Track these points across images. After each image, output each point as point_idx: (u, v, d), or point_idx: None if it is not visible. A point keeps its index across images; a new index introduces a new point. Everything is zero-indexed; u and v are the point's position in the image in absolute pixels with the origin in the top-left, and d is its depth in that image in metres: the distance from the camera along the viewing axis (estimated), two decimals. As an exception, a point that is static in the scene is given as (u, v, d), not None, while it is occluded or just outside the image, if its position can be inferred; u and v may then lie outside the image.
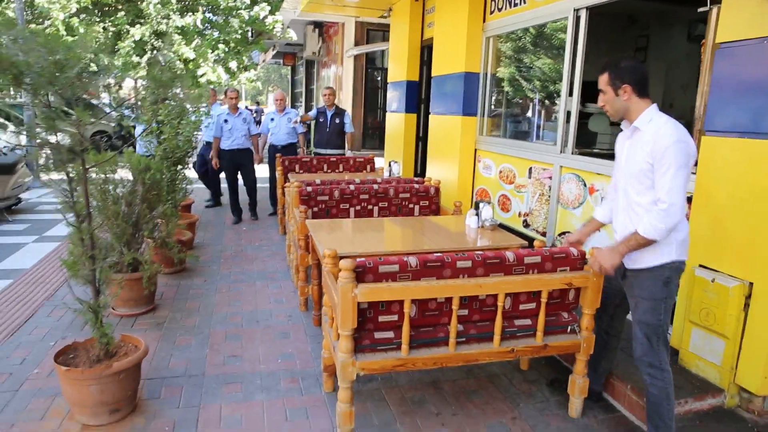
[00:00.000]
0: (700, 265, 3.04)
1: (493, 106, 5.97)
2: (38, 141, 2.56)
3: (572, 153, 4.41)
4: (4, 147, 7.34)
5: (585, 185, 4.25)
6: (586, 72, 6.96)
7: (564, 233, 4.50)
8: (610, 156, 4.04)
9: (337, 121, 7.40)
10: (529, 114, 5.84)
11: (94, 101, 6.95)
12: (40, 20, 12.35)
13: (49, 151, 2.60)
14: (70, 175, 2.68)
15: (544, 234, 4.78)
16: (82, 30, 12.00)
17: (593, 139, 6.30)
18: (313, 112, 7.65)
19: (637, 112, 2.40)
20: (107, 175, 3.84)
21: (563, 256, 2.62)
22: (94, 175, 3.54)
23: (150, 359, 3.35)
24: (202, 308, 4.20)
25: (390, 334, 2.51)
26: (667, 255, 2.36)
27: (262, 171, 7.73)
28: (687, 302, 3.09)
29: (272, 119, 7.42)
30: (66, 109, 2.54)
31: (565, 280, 2.58)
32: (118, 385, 2.64)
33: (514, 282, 2.52)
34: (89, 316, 2.67)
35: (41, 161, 2.65)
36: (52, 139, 2.55)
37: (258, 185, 7.39)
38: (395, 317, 2.50)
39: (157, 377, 3.16)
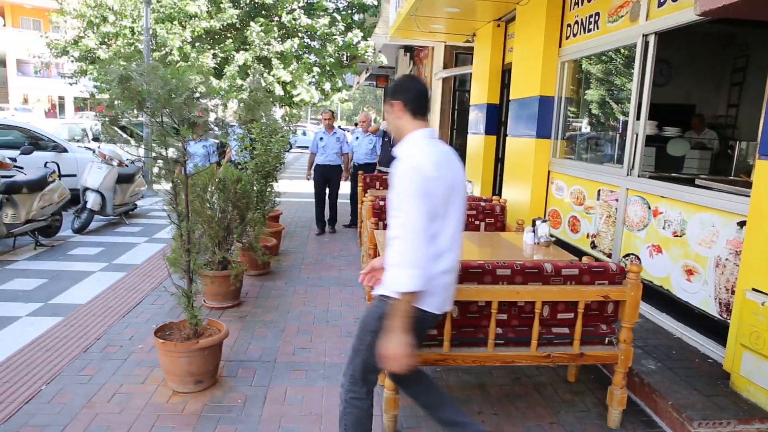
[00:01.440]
0: (753, 289, 3.05)
1: (567, 129, 6.08)
2: (153, 154, 3.12)
3: (638, 176, 4.46)
4: (126, 159, 8.37)
5: (649, 207, 4.29)
6: (667, 95, 6.87)
7: (629, 255, 4.55)
8: (687, 181, 4.10)
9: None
10: (603, 136, 5.89)
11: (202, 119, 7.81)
12: (161, 48, 13.85)
13: (161, 163, 3.16)
14: (175, 182, 3.22)
15: (609, 255, 4.83)
16: (194, 56, 13.34)
17: (677, 163, 6.21)
18: (379, 131, 8.10)
19: (407, 134, 2.16)
20: (205, 184, 4.45)
21: (601, 270, 2.78)
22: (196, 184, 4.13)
23: (231, 345, 3.83)
24: (280, 306, 4.68)
25: (433, 331, 2.79)
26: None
27: (347, 187, 8.27)
28: (738, 325, 3.10)
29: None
30: (176, 127, 3.10)
31: (602, 293, 2.74)
32: (202, 360, 3.13)
33: (550, 291, 2.72)
34: (183, 300, 3.18)
35: (155, 171, 3.22)
36: (164, 152, 3.10)
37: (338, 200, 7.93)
38: (439, 317, 2.78)
39: (235, 360, 3.62)
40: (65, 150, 9.07)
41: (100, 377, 3.33)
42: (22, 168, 6.85)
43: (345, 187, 8.24)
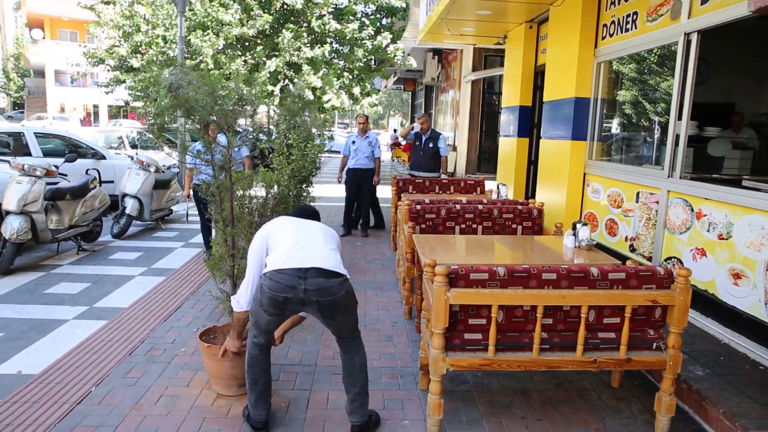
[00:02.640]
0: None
1: (603, 131, 5.99)
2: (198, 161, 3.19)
3: (680, 177, 4.37)
4: (162, 165, 8.55)
5: (692, 210, 4.20)
6: (705, 94, 6.72)
7: (670, 258, 4.45)
8: (732, 182, 4.00)
9: (431, 145, 7.75)
10: (641, 137, 5.79)
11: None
12: (194, 56, 14.12)
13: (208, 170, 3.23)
14: (219, 188, 3.28)
15: (650, 259, 4.74)
16: (226, 63, 13.55)
17: (716, 164, 6.05)
18: (411, 134, 8.08)
19: None
20: (244, 190, 4.51)
21: (649, 274, 2.73)
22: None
23: (272, 349, 3.86)
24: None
25: (478, 336, 2.78)
26: None
27: (378, 191, 8.27)
28: (792, 331, 3.01)
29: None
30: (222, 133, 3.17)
31: (650, 297, 2.69)
32: None
33: (596, 295, 2.68)
34: (227, 304, 3.23)
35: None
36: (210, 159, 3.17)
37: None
38: (484, 321, 2.77)
39: (276, 364, 3.65)
40: (104, 157, 9.31)
41: (146, 380, 3.40)
42: (65, 175, 7.05)
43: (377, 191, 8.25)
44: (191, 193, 6.15)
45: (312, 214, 3.15)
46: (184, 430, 2.88)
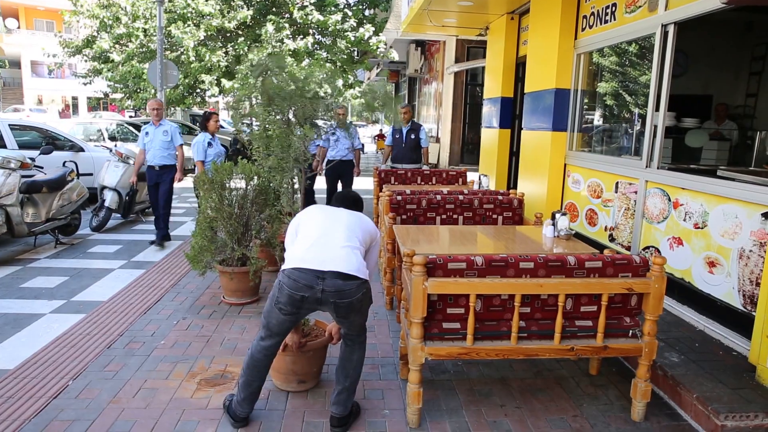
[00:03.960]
0: (779, 280, 3.02)
1: (583, 122, 6.03)
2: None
3: (658, 168, 4.42)
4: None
5: (669, 200, 4.25)
6: (683, 85, 6.79)
7: (648, 247, 4.51)
8: (708, 172, 4.06)
9: (413, 136, 7.74)
10: (620, 128, 5.84)
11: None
12: (174, 48, 13.92)
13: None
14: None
15: (628, 248, 4.80)
16: (207, 56, 13.37)
17: (694, 154, 6.14)
18: (388, 139, 8.03)
19: None
20: (224, 181, 4.48)
21: (625, 262, 2.76)
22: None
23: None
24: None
25: (457, 325, 2.80)
26: None
27: (360, 183, 8.26)
28: (764, 317, 3.07)
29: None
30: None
31: (626, 285, 2.73)
32: (306, 361, 3.16)
33: (573, 284, 2.71)
34: None
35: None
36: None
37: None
38: (462, 310, 2.78)
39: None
40: (82, 149, 9.16)
41: (124, 373, 3.37)
42: (41, 168, 6.93)
43: (358, 183, 8.22)
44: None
45: (352, 202, 3.07)
46: (162, 422, 2.86)
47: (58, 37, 16.74)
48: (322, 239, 2.74)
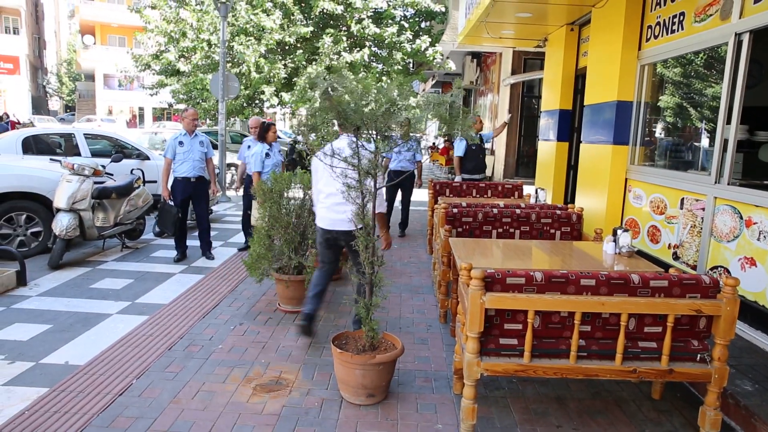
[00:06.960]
0: None
1: (646, 135, 5.83)
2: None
3: (728, 183, 4.21)
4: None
5: (741, 217, 4.04)
6: (758, 97, 6.47)
7: (716, 267, 4.30)
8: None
9: (480, 141, 7.72)
10: (686, 143, 5.61)
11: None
12: (236, 61, 14.41)
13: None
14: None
15: (694, 267, 4.59)
16: (266, 68, 13.77)
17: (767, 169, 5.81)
18: (459, 150, 7.74)
19: None
20: (282, 191, 4.58)
21: (693, 282, 2.64)
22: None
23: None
24: (352, 311, 4.73)
25: (514, 341, 2.74)
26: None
27: (414, 195, 8.27)
28: None
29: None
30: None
31: (693, 307, 2.60)
32: (377, 374, 3.13)
33: (637, 303, 2.61)
34: (362, 312, 3.20)
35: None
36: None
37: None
38: (520, 326, 2.73)
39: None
40: (147, 158, 9.58)
41: (184, 375, 3.48)
42: (111, 174, 7.29)
43: (414, 194, 8.24)
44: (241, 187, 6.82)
45: None
46: (219, 425, 2.93)
47: (129, 53, 17.66)
48: (329, 198, 3.82)
